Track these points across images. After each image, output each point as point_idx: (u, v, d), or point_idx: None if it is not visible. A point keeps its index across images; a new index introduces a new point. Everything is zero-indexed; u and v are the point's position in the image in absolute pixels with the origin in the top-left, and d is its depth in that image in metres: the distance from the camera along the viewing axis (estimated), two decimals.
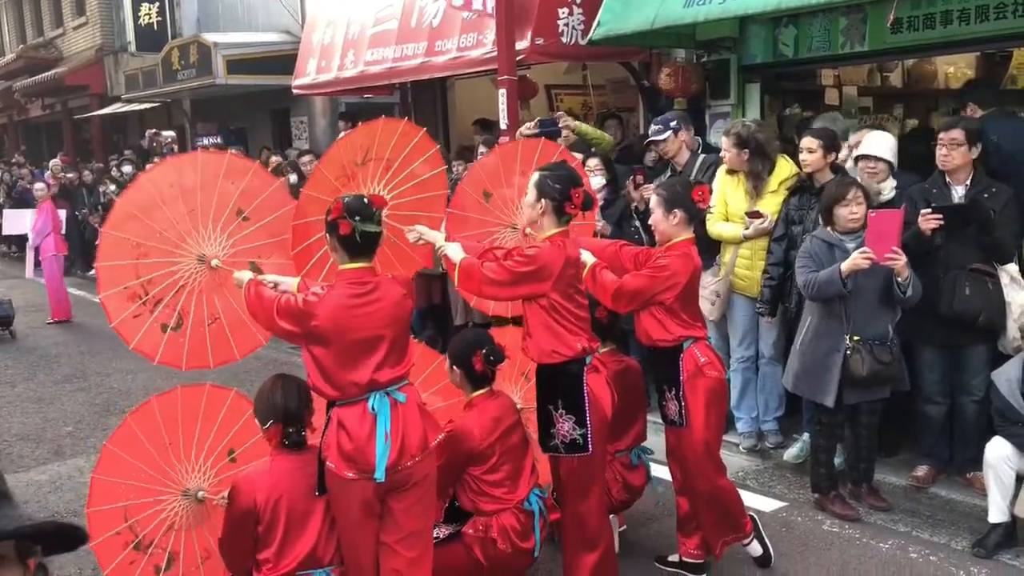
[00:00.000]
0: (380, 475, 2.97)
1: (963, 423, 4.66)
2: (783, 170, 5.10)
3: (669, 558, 4.10)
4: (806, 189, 4.89)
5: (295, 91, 10.36)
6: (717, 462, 3.90)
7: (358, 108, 11.52)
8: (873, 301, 4.35)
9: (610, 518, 3.87)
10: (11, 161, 19.52)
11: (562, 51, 7.16)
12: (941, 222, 4.34)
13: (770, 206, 5.06)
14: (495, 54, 6.76)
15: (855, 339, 4.31)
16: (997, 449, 4.05)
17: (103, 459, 3.32)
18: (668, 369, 3.81)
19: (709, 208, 4.30)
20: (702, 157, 5.62)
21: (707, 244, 5.19)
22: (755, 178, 5.08)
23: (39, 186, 11.25)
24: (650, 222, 3.91)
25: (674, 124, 5.56)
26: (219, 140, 14.27)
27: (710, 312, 5.23)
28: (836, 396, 4.36)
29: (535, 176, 3.48)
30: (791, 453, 5.20)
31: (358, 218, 2.99)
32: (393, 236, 3.65)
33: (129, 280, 3.30)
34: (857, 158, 4.85)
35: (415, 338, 4.42)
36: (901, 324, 4.53)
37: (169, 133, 14.37)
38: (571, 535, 3.57)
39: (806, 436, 5.08)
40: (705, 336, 3.89)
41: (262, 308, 3.08)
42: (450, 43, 7.77)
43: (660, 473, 4.40)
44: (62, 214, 11.17)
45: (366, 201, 3.06)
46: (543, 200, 3.42)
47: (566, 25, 7.02)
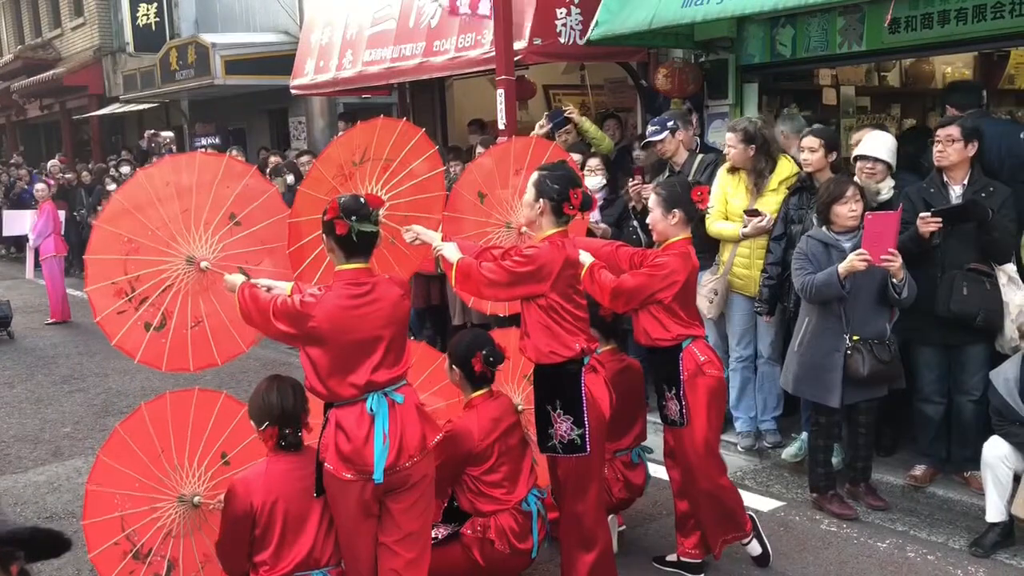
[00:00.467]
0: (379, 476, 2.96)
1: (961, 423, 4.67)
2: (784, 169, 5.12)
3: (667, 558, 4.10)
4: (806, 189, 4.90)
5: (293, 91, 10.35)
6: (719, 461, 3.91)
7: (357, 108, 11.53)
8: (870, 300, 4.35)
9: (609, 518, 3.87)
10: (9, 162, 19.49)
11: (560, 51, 7.16)
12: (940, 225, 4.35)
13: (770, 205, 5.07)
14: (493, 54, 6.75)
15: (855, 339, 4.31)
16: (995, 448, 4.05)
17: (96, 470, 3.30)
18: (668, 368, 3.81)
19: (708, 209, 4.30)
20: (700, 157, 5.62)
21: (706, 243, 5.20)
22: (757, 175, 5.09)
23: (39, 187, 11.23)
24: (648, 221, 3.92)
25: (671, 124, 5.56)
26: (217, 140, 14.27)
27: (708, 310, 5.23)
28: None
29: (534, 175, 3.48)
30: (789, 452, 5.20)
31: (355, 218, 2.99)
32: (391, 236, 3.65)
33: (117, 276, 3.28)
34: (855, 158, 4.86)
35: (415, 338, 4.42)
36: (899, 324, 4.53)
37: (168, 133, 14.38)
38: (568, 535, 3.58)
39: (804, 435, 5.09)
40: (704, 335, 3.90)
41: (257, 310, 3.06)
42: (448, 43, 7.77)
43: (657, 473, 4.41)
44: (60, 215, 11.16)
45: (363, 201, 3.06)
46: (542, 200, 3.42)
47: (564, 25, 7.02)
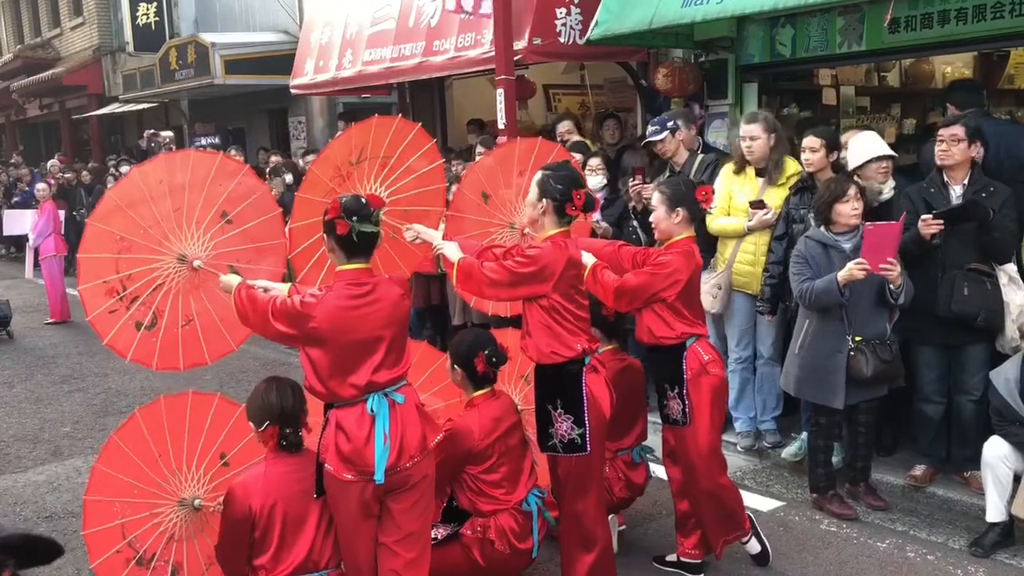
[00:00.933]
0: (379, 477, 2.96)
1: (961, 422, 4.66)
2: (789, 167, 5.14)
3: (667, 558, 4.10)
4: (808, 189, 4.89)
5: (293, 91, 10.35)
6: (720, 460, 3.91)
7: (356, 108, 11.52)
8: (870, 301, 4.35)
9: (609, 518, 3.87)
10: (9, 162, 19.47)
11: (560, 51, 7.16)
12: (942, 227, 4.35)
13: (775, 199, 5.08)
14: (493, 54, 6.75)
15: (857, 339, 4.31)
16: (995, 448, 4.05)
17: (93, 480, 3.28)
18: (671, 367, 3.81)
19: (712, 209, 4.30)
20: (701, 157, 5.62)
21: (705, 243, 5.19)
22: (775, 165, 5.09)
23: (40, 186, 11.22)
24: (651, 220, 3.91)
25: (671, 124, 5.56)
26: (217, 140, 14.26)
27: (711, 305, 5.21)
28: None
29: (538, 175, 3.48)
30: (789, 452, 5.20)
31: (355, 218, 2.99)
32: (393, 233, 3.64)
33: (109, 274, 3.26)
34: (869, 161, 4.81)
35: (415, 338, 4.41)
36: (899, 323, 4.53)
37: (167, 133, 14.38)
38: (568, 535, 3.57)
39: (804, 435, 5.09)
40: (707, 334, 3.90)
41: (255, 311, 3.05)
42: (448, 43, 7.77)
43: (657, 473, 4.41)
44: (60, 214, 11.16)
45: (363, 201, 3.06)
46: (544, 200, 3.41)
47: (564, 25, 7.02)
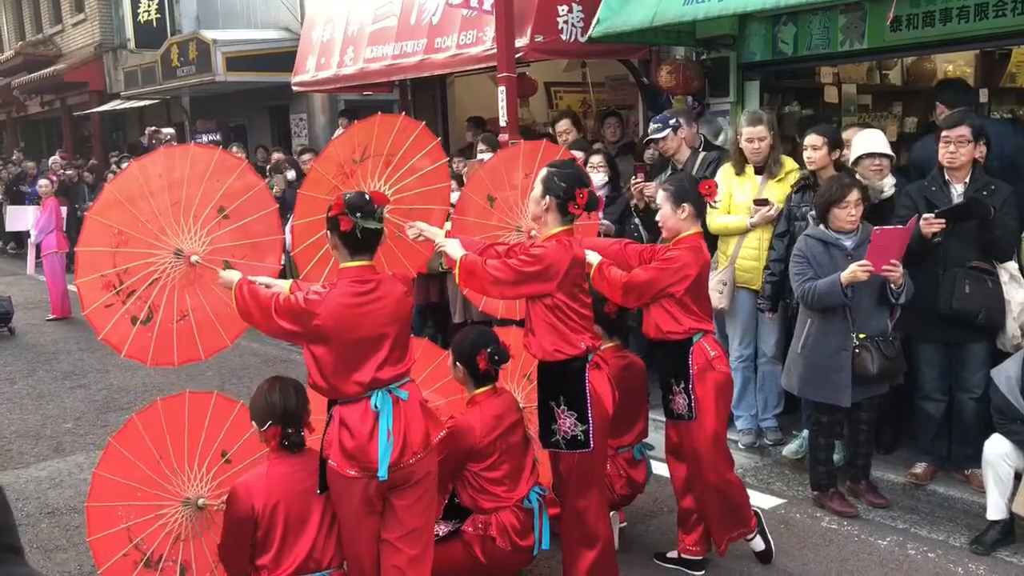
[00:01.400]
0: (383, 473, 2.97)
1: (962, 420, 4.67)
2: (787, 163, 5.17)
3: (668, 554, 4.11)
4: (810, 187, 4.89)
5: (294, 88, 10.36)
6: (726, 455, 3.92)
7: (358, 105, 11.53)
8: (871, 299, 4.36)
9: (611, 515, 3.87)
10: (9, 159, 19.46)
11: (562, 48, 7.16)
12: (943, 226, 4.35)
13: (776, 195, 5.09)
14: (495, 51, 6.76)
15: (861, 337, 4.32)
16: (996, 446, 4.06)
17: (95, 485, 3.28)
18: (677, 362, 3.81)
19: (715, 202, 4.30)
20: (702, 155, 5.62)
21: (707, 240, 5.20)
22: (775, 162, 5.12)
23: (43, 182, 11.23)
24: (658, 218, 3.92)
25: (673, 122, 5.56)
26: (218, 137, 14.26)
27: (718, 301, 5.20)
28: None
29: (543, 172, 3.48)
30: (790, 449, 5.21)
31: (359, 214, 2.98)
32: (397, 231, 3.65)
33: (106, 268, 3.26)
34: (861, 157, 4.84)
35: (417, 336, 4.40)
36: (901, 321, 4.53)
37: (169, 130, 14.35)
38: (570, 532, 3.58)
39: (805, 433, 5.09)
40: (713, 330, 3.91)
41: (258, 308, 3.05)
42: (450, 40, 7.77)
43: (658, 470, 4.42)
44: (62, 211, 11.16)
45: (367, 198, 3.05)
46: (548, 197, 3.42)
47: (565, 22, 7.01)
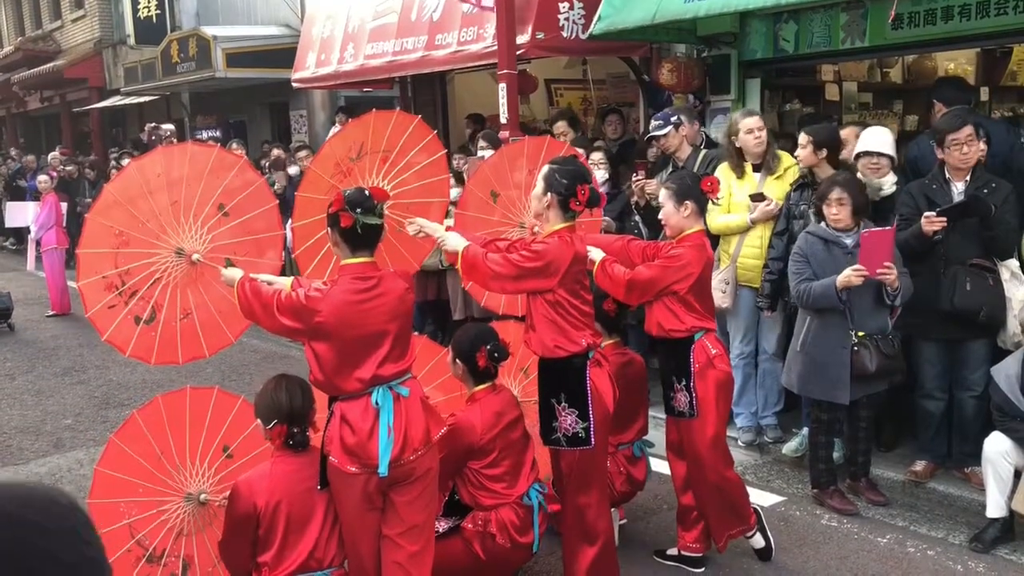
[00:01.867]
0: (383, 470, 2.97)
1: (962, 418, 4.67)
2: (785, 159, 5.18)
3: (668, 551, 4.11)
4: (807, 184, 4.90)
5: (294, 85, 10.35)
6: (726, 453, 3.92)
7: (357, 102, 11.51)
8: (871, 297, 4.36)
9: (611, 511, 3.87)
10: (8, 155, 19.44)
11: (562, 46, 7.15)
12: (944, 224, 4.35)
13: (776, 191, 5.09)
14: (495, 48, 6.75)
15: (860, 335, 4.32)
16: (995, 444, 4.06)
17: (96, 482, 3.27)
18: (678, 360, 3.81)
19: (718, 199, 4.30)
20: (703, 152, 5.62)
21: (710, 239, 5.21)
22: (772, 157, 5.14)
23: (42, 178, 11.22)
24: (660, 216, 3.92)
25: (674, 119, 5.56)
26: (218, 133, 14.25)
27: (721, 300, 5.20)
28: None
29: (545, 168, 3.48)
30: (790, 447, 5.22)
31: (359, 210, 2.98)
32: (398, 226, 3.65)
33: (108, 269, 3.26)
34: (858, 155, 4.85)
35: (416, 333, 4.40)
36: (901, 319, 4.54)
37: (168, 126, 14.34)
38: (571, 528, 3.58)
39: (805, 430, 5.10)
40: (715, 328, 3.92)
41: (260, 304, 3.04)
42: (450, 37, 7.76)
43: (658, 468, 4.42)
44: (62, 207, 11.15)
45: (367, 193, 3.05)
46: (549, 193, 3.41)
47: (566, 20, 7.01)
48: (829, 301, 4.29)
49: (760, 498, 4.71)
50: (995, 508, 4.08)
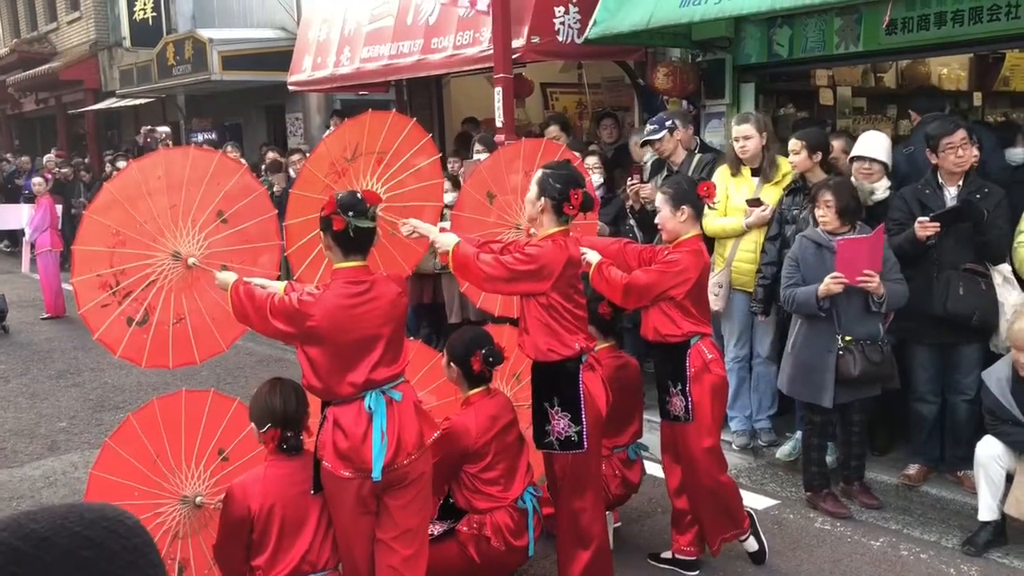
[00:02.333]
0: (377, 474, 2.97)
1: (954, 422, 4.69)
2: (783, 165, 5.19)
3: (662, 555, 4.12)
4: (800, 190, 4.93)
5: (290, 88, 10.35)
6: (720, 458, 3.93)
7: (353, 105, 11.51)
8: (861, 303, 4.38)
9: (606, 515, 3.88)
10: (3, 157, 19.39)
11: (558, 50, 7.17)
12: (937, 229, 4.36)
13: (771, 196, 5.11)
14: (491, 52, 6.76)
15: (847, 339, 4.34)
16: (988, 448, 4.08)
17: (92, 486, 3.27)
18: (674, 364, 3.82)
19: (714, 203, 4.32)
20: (698, 156, 5.63)
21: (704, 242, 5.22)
22: (769, 162, 5.14)
23: (37, 180, 11.21)
24: (657, 220, 3.93)
25: (669, 123, 5.57)
26: (214, 136, 14.23)
27: (715, 303, 5.22)
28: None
29: (538, 173, 3.50)
30: (783, 451, 5.23)
31: (352, 214, 2.99)
32: (391, 229, 3.65)
33: (103, 268, 3.25)
34: (851, 159, 4.88)
35: (411, 337, 4.41)
36: (894, 323, 4.56)
37: (164, 129, 14.34)
38: (565, 532, 3.59)
39: (798, 434, 5.11)
40: (711, 333, 3.93)
41: (254, 308, 3.04)
42: (446, 41, 7.78)
43: (652, 471, 4.43)
44: (57, 209, 11.14)
45: (360, 197, 3.06)
46: (543, 198, 3.43)
47: (562, 24, 7.03)
48: (810, 308, 4.33)
49: (754, 501, 4.73)
50: (987, 511, 4.10)
